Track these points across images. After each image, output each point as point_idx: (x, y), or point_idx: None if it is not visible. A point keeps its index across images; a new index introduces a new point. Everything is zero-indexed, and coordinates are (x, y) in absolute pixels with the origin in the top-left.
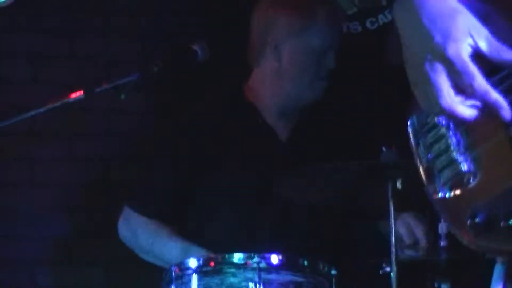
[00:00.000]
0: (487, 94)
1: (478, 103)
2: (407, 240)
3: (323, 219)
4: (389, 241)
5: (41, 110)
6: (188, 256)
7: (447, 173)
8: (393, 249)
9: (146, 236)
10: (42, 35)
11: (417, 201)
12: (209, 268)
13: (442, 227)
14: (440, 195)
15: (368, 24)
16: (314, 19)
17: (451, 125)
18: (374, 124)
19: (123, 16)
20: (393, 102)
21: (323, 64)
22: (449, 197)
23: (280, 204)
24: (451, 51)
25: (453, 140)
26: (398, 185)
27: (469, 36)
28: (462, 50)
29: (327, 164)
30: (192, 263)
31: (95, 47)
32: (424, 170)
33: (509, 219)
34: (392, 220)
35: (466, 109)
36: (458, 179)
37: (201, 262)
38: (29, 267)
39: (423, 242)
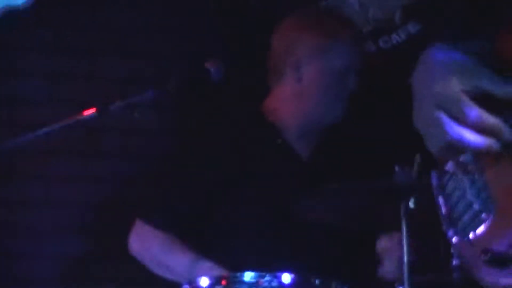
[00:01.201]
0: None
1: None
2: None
3: (338, 239)
4: (402, 261)
5: (55, 127)
6: (196, 269)
7: (465, 218)
8: (406, 269)
9: (157, 248)
10: (59, 54)
11: (429, 220)
12: (220, 287)
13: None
14: (459, 238)
15: (381, 43)
16: (337, 40)
17: (465, 173)
18: (389, 144)
19: (139, 35)
20: (407, 122)
21: (344, 85)
22: (468, 239)
23: (297, 224)
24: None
25: (467, 183)
26: (411, 204)
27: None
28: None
29: (342, 184)
30: (204, 282)
31: (112, 66)
32: (446, 217)
33: None
34: (405, 240)
35: (472, 136)
36: (476, 221)
37: (213, 280)
38: (43, 286)
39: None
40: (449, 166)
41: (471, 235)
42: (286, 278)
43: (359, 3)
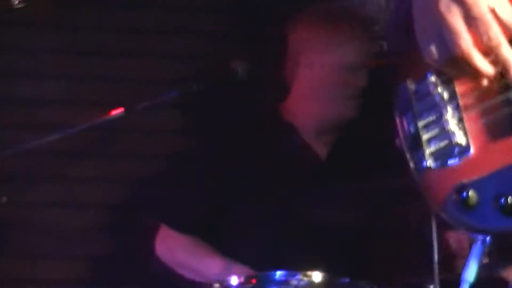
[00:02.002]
0: (501, 47)
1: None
2: None
3: (359, 238)
4: (432, 259)
5: (82, 127)
6: (229, 273)
7: (436, 143)
8: (436, 267)
9: (185, 253)
10: (83, 56)
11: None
12: (250, 286)
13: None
14: (423, 164)
15: None
16: (345, 37)
17: (446, 94)
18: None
19: (162, 35)
20: None
21: (352, 82)
22: (433, 168)
23: (316, 223)
24: None
25: (447, 110)
26: None
27: None
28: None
29: (363, 183)
30: (234, 280)
31: (135, 67)
32: (408, 137)
33: (499, 200)
34: (435, 238)
35: (482, 60)
36: (447, 151)
37: (242, 279)
38: (63, 287)
39: None
40: (430, 76)
41: (438, 164)
42: (316, 276)
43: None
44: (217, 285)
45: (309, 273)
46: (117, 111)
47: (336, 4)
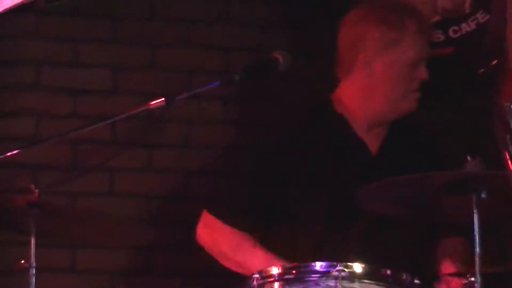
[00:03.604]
0: None
1: None
2: None
3: (408, 231)
4: (474, 251)
5: (122, 116)
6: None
7: None
8: (478, 260)
9: (228, 245)
10: (123, 45)
11: (502, 211)
12: (290, 276)
13: None
14: None
15: (451, 33)
16: (405, 32)
17: None
18: (459, 134)
19: (204, 25)
20: (479, 110)
21: (415, 76)
22: None
23: (367, 216)
24: None
25: None
26: (483, 195)
27: None
28: None
29: (411, 176)
30: (275, 270)
31: (177, 57)
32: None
33: None
34: (477, 231)
35: None
36: None
37: (283, 270)
38: (109, 275)
39: None
40: None
41: None
42: (357, 268)
43: None
44: (257, 274)
45: (350, 264)
46: (157, 101)
47: None
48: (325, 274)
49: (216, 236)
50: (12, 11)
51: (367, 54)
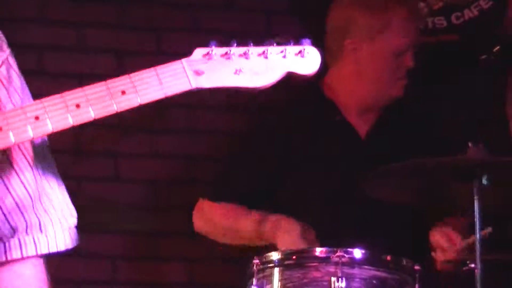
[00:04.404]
0: None
1: None
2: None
3: (406, 217)
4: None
5: None
6: (266, 223)
7: None
8: (478, 246)
9: (220, 216)
10: (129, 31)
11: (503, 198)
12: (291, 262)
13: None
14: None
15: (453, 19)
16: (392, 20)
17: None
18: (460, 120)
19: (212, 11)
20: (482, 97)
21: (402, 63)
22: None
23: (363, 202)
24: None
25: None
26: (484, 181)
27: None
28: None
29: (412, 161)
30: (274, 256)
31: (182, 44)
32: None
33: None
34: (478, 218)
35: None
36: None
37: (283, 255)
38: (111, 260)
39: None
40: None
41: None
42: (357, 253)
43: None
44: (257, 260)
45: (350, 249)
46: None
47: None
48: (325, 259)
49: (208, 215)
50: None
51: (353, 40)
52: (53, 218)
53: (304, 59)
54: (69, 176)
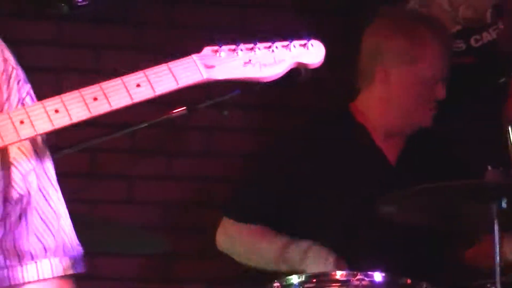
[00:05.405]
0: None
1: None
2: None
3: (425, 240)
4: (494, 261)
5: (144, 125)
6: (289, 250)
7: None
8: (498, 269)
9: (247, 240)
10: (143, 54)
11: None
12: (311, 285)
13: None
14: None
15: (472, 42)
16: (427, 50)
17: None
18: (480, 144)
19: (225, 34)
20: (499, 120)
21: (432, 94)
22: None
23: (383, 224)
24: None
25: None
26: (503, 204)
27: None
28: None
29: (430, 184)
30: (295, 279)
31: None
32: None
33: None
34: (497, 241)
35: None
36: None
37: (303, 278)
38: (126, 284)
39: None
40: None
41: None
42: (378, 277)
43: (449, 2)
44: (277, 283)
45: (370, 273)
46: (179, 110)
47: (409, 8)
48: (345, 283)
49: (232, 236)
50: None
51: (386, 65)
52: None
53: (309, 51)
54: (83, 199)
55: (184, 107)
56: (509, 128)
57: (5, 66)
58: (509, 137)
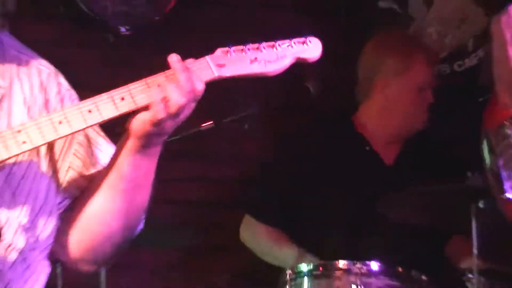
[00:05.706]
0: None
1: None
2: None
3: (417, 236)
4: (472, 252)
5: (177, 137)
6: (302, 260)
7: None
8: (476, 261)
9: (265, 242)
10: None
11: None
12: (318, 272)
13: None
14: (507, 195)
15: (456, 67)
16: (416, 59)
17: None
18: (464, 150)
19: (232, 34)
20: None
21: (424, 99)
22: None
23: (380, 222)
24: None
25: None
26: (481, 205)
27: None
28: None
29: (424, 186)
30: (304, 267)
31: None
32: (493, 175)
33: None
34: (475, 236)
35: None
36: None
37: (311, 267)
38: (160, 272)
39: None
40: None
41: None
42: (374, 265)
43: (437, 32)
44: (289, 271)
45: (367, 262)
46: (207, 124)
47: (401, 31)
48: (347, 271)
49: (255, 235)
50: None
51: (383, 78)
52: None
53: (308, 47)
54: None
55: (211, 121)
56: (484, 138)
57: (59, 88)
58: (483, 146)
